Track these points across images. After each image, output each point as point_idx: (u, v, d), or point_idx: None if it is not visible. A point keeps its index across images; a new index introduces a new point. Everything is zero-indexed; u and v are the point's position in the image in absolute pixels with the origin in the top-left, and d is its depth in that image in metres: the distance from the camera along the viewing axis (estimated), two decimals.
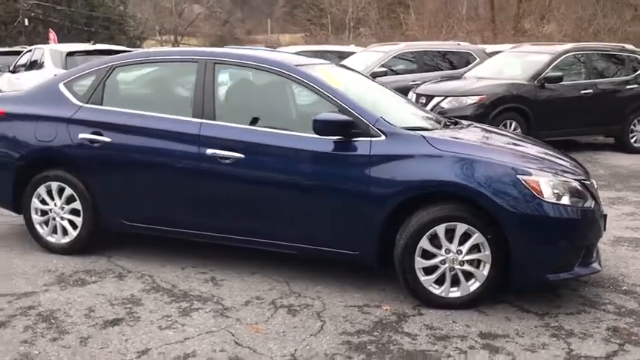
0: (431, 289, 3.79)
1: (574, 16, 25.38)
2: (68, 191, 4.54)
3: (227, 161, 4.09)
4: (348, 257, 4.01)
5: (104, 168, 4.43)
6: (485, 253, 3.72)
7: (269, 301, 3.88)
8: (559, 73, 8.98)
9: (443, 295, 3.79)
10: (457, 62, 11.09)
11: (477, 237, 3.71)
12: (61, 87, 4.65)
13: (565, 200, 3.68)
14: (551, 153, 4.25)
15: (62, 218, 4.60)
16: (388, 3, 37.29)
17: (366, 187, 3.82)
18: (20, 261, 4.51)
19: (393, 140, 3.86)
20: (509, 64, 9.77)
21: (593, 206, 3.83)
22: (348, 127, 3.85)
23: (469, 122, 4.93)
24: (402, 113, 4.37)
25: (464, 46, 11.64)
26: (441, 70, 10.93)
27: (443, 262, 3.75)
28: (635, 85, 9.71)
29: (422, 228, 3.72)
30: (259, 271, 4.37)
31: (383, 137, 3.86)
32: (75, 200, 4.54)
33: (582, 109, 9.22)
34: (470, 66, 10.77)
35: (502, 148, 4.04)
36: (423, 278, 3.78)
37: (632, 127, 9.76)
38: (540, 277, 3.70)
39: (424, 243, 3.73)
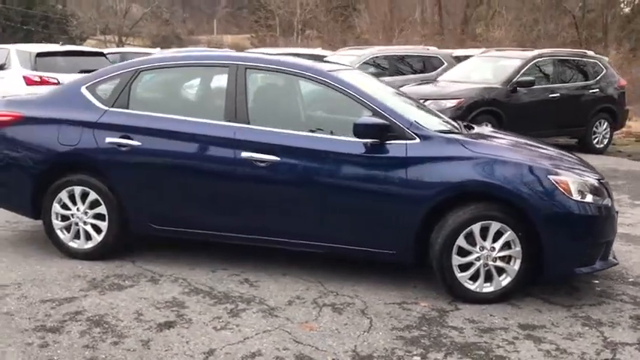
0: (466, 285, 3.99)
1: (517, 22, 26.36)
2: (92, 196, 4.51)
3: (263, 164, 4.17)
4: (384, 256, 4.17)
5: (133, 172, 4.42)
6: (516, 249, 3.95)
7: (310, 301, 3.99)
8: (531, 78, 9.42)
9: (477, 290, 3.99)
10: (427, 66, 11.43)
11: (509, 234, 3.93)
12: (84, 90, 4.61)
13: (588, 198, 3.95)
14: (565, 154, 4.54)
15: (85, 223, 4.56)
16: (335, 6, 37.65)
17: (403, 188, 3.99)
18: (43, 267, 4.45)
19: (428, 143, 4.04)
20: (481, 69, 10.16)
21: (610, 204, 4.12)
22: (385, 130, 4.01)
23: (482, 126, 5.16)
24: (424, 117, 4.56)
25: (432, 50, 12.01)
26: (414, 73, 11.25)
27: (478, 258, 3.96)
28: (597, 90, 10.28)
29: (459, 227, 3.91)
30: (289, 272, 4.47)
31: (418, 140, 4.04)
32: (99, 205, 4.51)
33: (550, 112, 9.70)
34: (439, 70, 11.11)
35: (529, 150, 4.29)
36: (459, 275, 3.98)
37: (594, 129, 10.33)
38: (570, 270, 3.97)
39: (461, 241, 3.93)
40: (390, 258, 4.16)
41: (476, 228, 3.92)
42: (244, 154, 4.20)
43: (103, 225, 4.54)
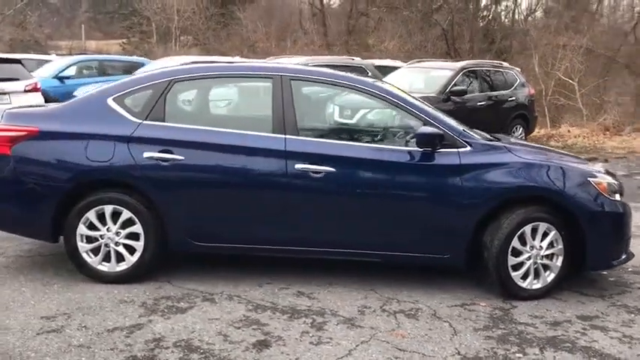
0: (519, 283, 4.24)
1: (397, 34, 27.68)
2: (126, 214, 4.23)
3: (318, 175, 4.16)
4: (438, 261, 4.32)
5: (175, 187, 4.21)
6: (559, 247, 4.27)
7: (379, 309, 4.04)
8: (463, 87, 10.03)
9: (528, 287, 4.26)
10: None
11: (553, 234, 4.24)
12: (111, 103, 4.31)
13: (617, 197, 4.37)
14: (580, 158, 4.96)
15: (117, 244, 4.26)
16: (213, 13, 37.18)
17: (459, 194, 4.16)
18: (76, 294, 4.10)
19: (478, 150, 4.25)
20: (412, 79, 10.63)
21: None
22: (441, 139, 4.16)
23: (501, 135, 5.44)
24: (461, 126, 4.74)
25: (357, 61, 12.34)
26: None
27: (528, 258, 4.23)
28: (514, 98, 11.17)
29: (514, 229, 4.16)
30: (334, 281, 4.47)
31: (469, 148, 4.24)
32: (133, 224, 4.24)
33: (479, 119, 10.34)
34: None
35: (558, 155, 4.64)
36: (513, 274, 4.22)
37: (511, 133, 11.20)
38: (608, 263, 4.36)
39: (515, 242, 4.18)
40: (444, 262, 4.31)
41: (527, 229, 4.19)
42: (298, 166, 4.16)
43: (138, 245, 4.27)
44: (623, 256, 4.46)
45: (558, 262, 4.30)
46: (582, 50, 20.74)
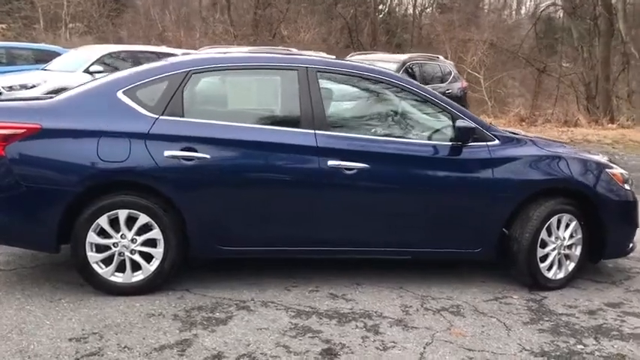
0: (546, 274, 4.30)
1: (311, 26, 27.67)
2: (143, 219, 3.84)
3: (350, 172, 3.99)
4: (469, 255, 4.28)
5: (199, 188, 3.87)
6: (579, 237, 4.38)
7: (421, 308, 3.94)
8: None
9: (552, 277, 4.33)
10: None
11: (574, 224, 4.34)
12: (121, 96, 3.88)
13: (628, 186, 4.54)
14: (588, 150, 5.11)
15: (133, 252, 3.86)
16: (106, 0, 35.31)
17: (491, 188, 4.15)
18: (94, 310, 3.67)
19: (506, 144, 4.25)
20: None
21: None
22: (473, 133, 4.12)
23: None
24: None
25: (294, 52, 12.07)
26: None
27: (553, 249, 4.30)
28: (450, 90, 11.44)
29: (543, 221, 4.20)
30: (361, 281, 4.33)
31: (497, 141, 4.23)
32: (151, 229, 3.86)
33: None
34: None
35: (571, 147, 4.74)
36: (542, 265, 4.27)
37: None
38: (623, 250, 4.52)
39: (544, 234, 4.23)
40: (475, 256, 4.29)
41: (554, 221, 4.25)
42: (331, 162, 3.96)
43: (157, 252, 3.89)
44: (632, 243, 4.65)
45: (577, 251, 4.40)
46: (486, 45, 21.72)
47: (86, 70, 11.01)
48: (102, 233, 3.83)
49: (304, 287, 4.17)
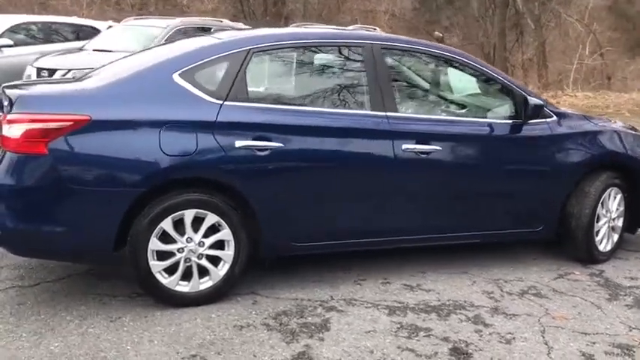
0: (599, 247, 4.34)
1: None
2: (211, 219, 3.38)
3: (424, 156, 3.76)
4: (531, 235, 4.21)
5: (273, 181, 3.47)
6: (621, 209, 4.45)
7: (503, 292, 3.82)
8: None
9: (603, 250, 4.38)
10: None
11: (620, 197, 4.40)
12: (178, 79, 3.36)
13: None
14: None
15: (200, 257, 3.41)
16: None
17: (555, 164, 4.09)
18: (171, 327, 3.19)
19: (562, 120, 4.20)
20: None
21: None
22: (542, 110, 4.03)
23: None
24: None
25: (226, 23, 11.37)
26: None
27: (605, 222, 4.34)
28: None
29: (599, 196, 4.22)
30: (424, 269, 4.13)
31: (555, 118, 4.17)
32: (219, 229, 3.42)
33: None
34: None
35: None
36: (597, 239, 4.30)
37: None
38: None
39: (599, 209, 4.25)
40: (537, 235, 4.23)
41: (606, 195, 4.28)
42: (405, 146, 3.70)
43: (226, 255, 3.46)
44: None
45: (620, 223, 4.48)
46: (388, 16, 21.96)
47: None
48: (163, 238, 3.33)
49: (372, 280, 3.91)
